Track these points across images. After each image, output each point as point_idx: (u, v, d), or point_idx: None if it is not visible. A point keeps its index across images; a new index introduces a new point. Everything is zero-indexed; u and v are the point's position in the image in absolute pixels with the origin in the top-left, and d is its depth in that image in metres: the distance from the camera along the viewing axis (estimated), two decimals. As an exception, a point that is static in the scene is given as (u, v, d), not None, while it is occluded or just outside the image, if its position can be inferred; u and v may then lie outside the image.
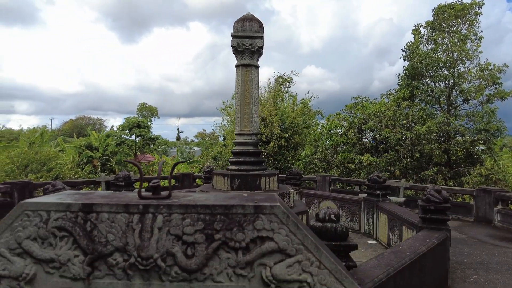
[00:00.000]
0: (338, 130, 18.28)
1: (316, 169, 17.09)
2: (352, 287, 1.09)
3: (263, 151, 19.75)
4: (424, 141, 14.30)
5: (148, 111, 44.27)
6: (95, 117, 46.73)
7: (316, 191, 9.61)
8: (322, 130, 18.40)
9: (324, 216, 3.33)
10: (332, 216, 3.32)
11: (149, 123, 24.91)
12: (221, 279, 1.12)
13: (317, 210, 8.99)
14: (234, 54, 6.71)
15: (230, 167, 6.62)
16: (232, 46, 6.57)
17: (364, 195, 8.39)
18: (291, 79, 22.50)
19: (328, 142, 17.51)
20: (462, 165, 15.35)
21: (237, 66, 6.71)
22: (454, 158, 15.86)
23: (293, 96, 21.83)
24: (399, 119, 15.81)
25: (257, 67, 6.79)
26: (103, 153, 20.02)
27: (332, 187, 12.80)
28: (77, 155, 20.97)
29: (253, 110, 6.63)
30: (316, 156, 17.36)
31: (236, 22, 6.63)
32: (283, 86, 22.50)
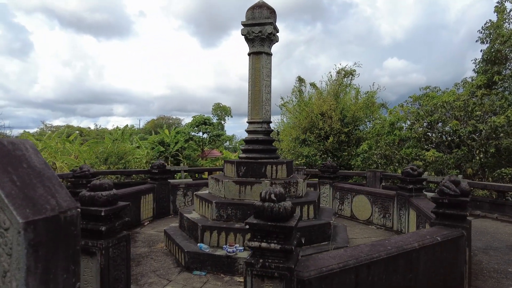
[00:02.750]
0: (403, 124, 16.73)
1: (375, 165, 15.93)
2: (11, 216, 1.11)
3: (322, 147, 19.14)
4: (501, 134, 12.21)
5: (222, 111, 46.43)
6: (174, 116, 50.92)
7: (349, 185, 8.98)
8: (383, 123, 17.02)
9: (265, 196, 3.17)
10: (272, 196, 3.14)
11: (214, 121, 26.20)
12: None
13: (350, 204, 8.47)
14: (246, 42, 6.72)
15: (241, 155, 6.66)
16: (242, 34, 6.60)
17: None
18: (354, 71, 21.28)
19: (389, 136, 16.12)
20: (558, 163, 12.67)
21: (248, 54, 6.70)
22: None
23: (355, 88, 20.67)
24: (474, 110, 13.74)
25: (269, 54, 6.68)
26: (165, 148, 21.81)
27: (384, 184, 11.81)
28: (151, 150, 23.22)
29: (263, 98, 6.56)
30: (375, 151, 16.18)
31: (247, 10, 6.63)
32: (345, 78, 21.45)
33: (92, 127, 47.56)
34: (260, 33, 6.43)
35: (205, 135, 25.70)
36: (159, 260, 5.64)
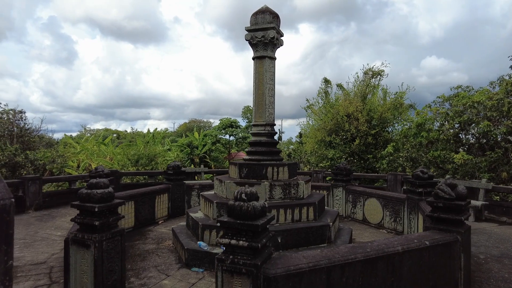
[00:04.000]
0: (432, 125, 16.01)
1: (401, 168, 15.39)
2: None
3: (347, 149, 18.78)
4: (538, 136, 11.35)
5: (251, 114, 46.85)
6: (205, 120, 52.46)
7: (362, 188, 8.81)
8: (411, 125, 16.39)
9: (237, 195, 3.31)
10: (243, 195, 3.27)
11: (243, 124, 26.55)
12: None
13: (362, 208, 8.33)
14: (251, 47, 6.89)
15: (245, 157, 6.83)
16: (246, 40, 6.77)
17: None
18: (383, 71, 20.66)
19: (416, 138, 15.50)
20: None
21: (253, 58, 6.86)
22: None
23: (383, 89, 20.07)
24: (511, 110, 12.86)
25: (273, 58, 6.80)
26: (193, 150, 22.42)
27: (405, 187, 11.39)
28: (180, 152, 24.04)
29: (266, 101, 6.68)
30: (401, 154, 15.63)
31: (251, 16, 6.80)
32: (373, 79, 20.88)
33: (129, 130, 49.89)
34: (263, 37, 6.57)
35: (232, 138, 26.17)
36: (163, 257, 5.94)
